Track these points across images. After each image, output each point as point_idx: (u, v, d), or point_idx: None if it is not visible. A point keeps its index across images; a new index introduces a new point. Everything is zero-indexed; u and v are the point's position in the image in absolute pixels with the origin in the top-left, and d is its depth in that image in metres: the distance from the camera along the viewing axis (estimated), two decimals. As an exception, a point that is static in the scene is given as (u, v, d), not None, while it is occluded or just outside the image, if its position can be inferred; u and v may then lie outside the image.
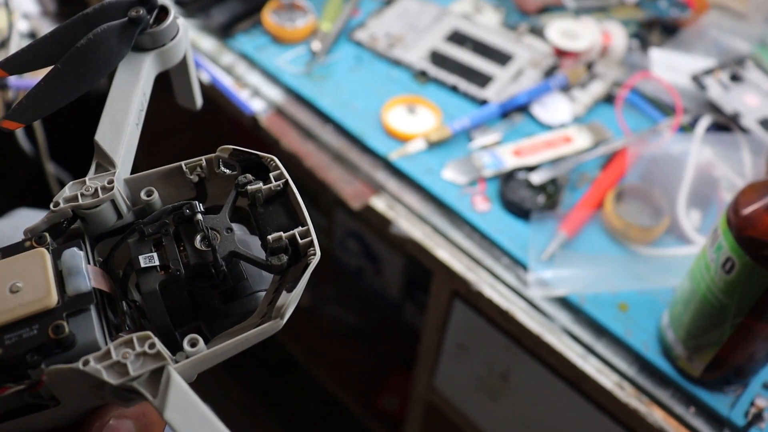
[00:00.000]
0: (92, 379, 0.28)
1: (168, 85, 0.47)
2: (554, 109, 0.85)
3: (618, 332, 0.68)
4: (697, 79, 0.86)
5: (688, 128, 0.84)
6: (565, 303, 0.70)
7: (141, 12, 0.39)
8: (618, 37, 0.93)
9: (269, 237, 0.32)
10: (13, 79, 1.08)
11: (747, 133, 0.82)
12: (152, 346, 0.29)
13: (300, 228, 0.32)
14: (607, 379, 0.67)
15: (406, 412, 1.10)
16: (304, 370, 1.41)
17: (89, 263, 0.32)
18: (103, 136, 0.37)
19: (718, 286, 0.57)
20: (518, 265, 0.72)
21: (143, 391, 0.29)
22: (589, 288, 0.70)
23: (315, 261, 0.31)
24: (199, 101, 0.48)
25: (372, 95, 0.86)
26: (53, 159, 1.31)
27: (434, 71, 0.89)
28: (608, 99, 0.88)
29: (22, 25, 1.19)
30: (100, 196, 0.34)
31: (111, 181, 0.34)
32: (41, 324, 0.30)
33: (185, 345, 0.29)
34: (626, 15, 0.99)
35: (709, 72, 0.87)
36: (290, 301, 0.30)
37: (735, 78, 0.87)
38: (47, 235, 0.33)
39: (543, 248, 0.72)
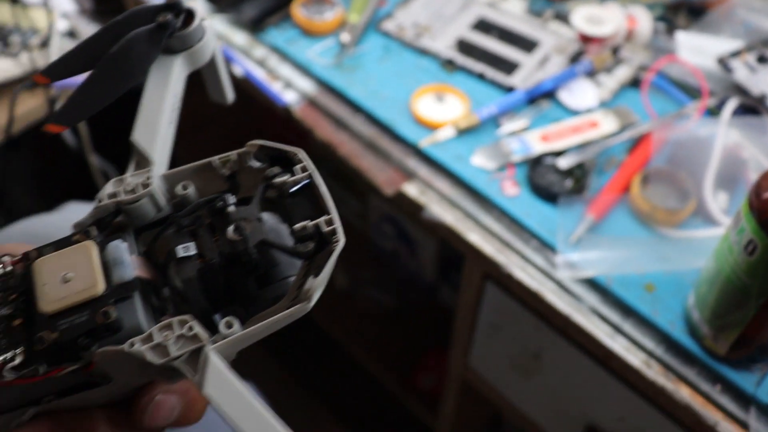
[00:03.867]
0: (138, 360, 0.31)
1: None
2: (580, 94, 0.87)
3: (645, 312, 0.70)
4: (723, 61, 0.87)
5: (715, 111, 0.85)
6: (592, 284, 0.72)
7: (168, 17, 0.42)
8: (643, 21, 0.94)
9: (295, 226, 0.34)
10: (56, 82, 1.12)
11: (773, 114, 0.83)
12: (191, 328, 0.32)
13: (325, 217, 0.34)
14: (634, 358, 0.69)
15: (443, 390, 1.13)
16: (343, 351, 1.45)
17: (132, 254, 0.35)
18: (139, 135, 0.40)
19: (741, 267, 0.58)
20: (547, 247, 0.75)
21: (183, 370, 0.32)
22: (616, 269, 0.72)
23: (339, 247, 0.34)
24: (230, 96, 0.51)
25: (401, 84, 0.89)
26: (97, 151, 1.35)
27: (461, 60, 0.91)
28: (634, 83, 0.90)
29: (61, 25, 1.23)
30: (140, 192, 0.37)
31: (149, 178, 0.37)
32: (91, 310, 0.32)
33: (221, 327, 0.32)
34: (652, -2, 1.00)
35: (735, 54, 0.88)
36: (317, 285, 0.33)
37: (762, 59, 0.88)
38: (94, 228, 0.36)
39: (571, 231, 0.74)
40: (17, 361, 0.32)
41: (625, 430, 0.81)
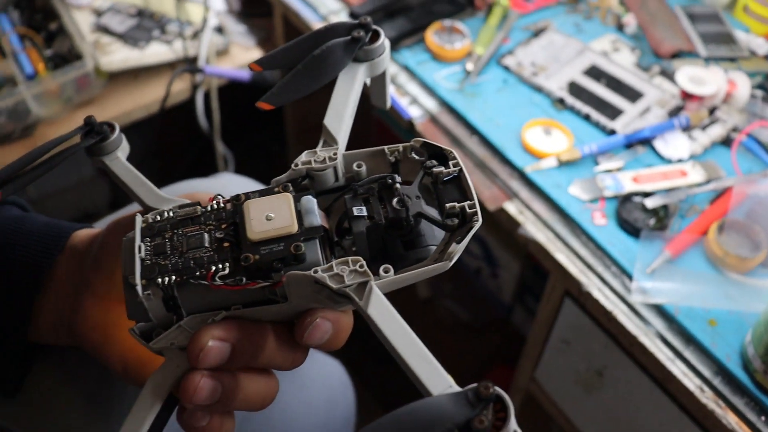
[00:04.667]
0: (317, 284, 0.41)
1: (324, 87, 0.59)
2: (674, 145, 0.96)
3: (705, 343, 0.79)
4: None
5: (795, 176, 0.93)
6: (661, 311, 0.81)
7: (361, 33, 0.53)
8: (742, 86, 1.02)
9: (446, 205, 0.44)
10: (207, 67, 1.27)
11: None
12: (362, 266, 0.41)
13: (468, 202, 0.44)
14: (690, 382, 0.78)
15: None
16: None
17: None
18: (329, 121, 0.51)
19: (794, 310, 0.67)
20: (624, 274, 0.84)
21: (353, 295, 0.41)
22: (684, 301, 0.81)
23: (478, 224, 0.43)
24: (389, 103, 0.62)
25: (514, 115, 1.00)
26: (223, 140, 1.49)
27: (571, 100, 1.01)
28: (725, 142, 0.98)
29: (213, 20, 1.37)
30: (327, 163, 0.47)
31: (335, 153, 0.48)
32: (286, 243, 0.42)
33: (381, 271, 0.42)
34: (754, 67, 1.09)
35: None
36: (458, 249, 0.42)
37: None
38: (289, 185, 0.47)
39: (648, 263, 0.83)
40: (226, 271, 0.42)
41: (673, 450, 0.90)
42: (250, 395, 0.45)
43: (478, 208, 0.44)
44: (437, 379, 0.39)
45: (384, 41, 0.54)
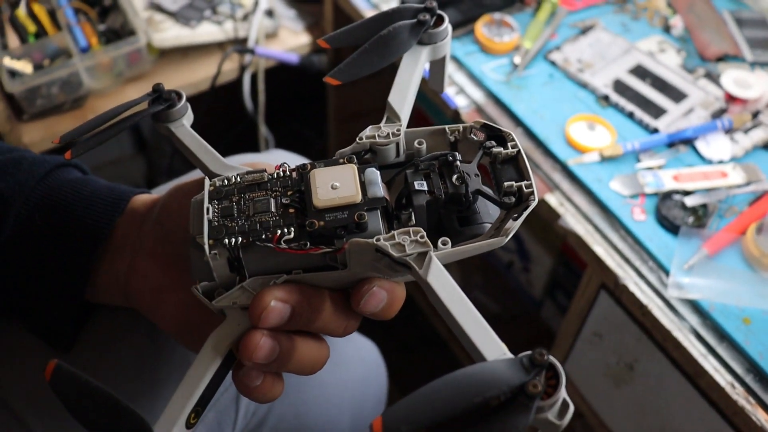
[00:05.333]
0: (378, 252, 0.43)
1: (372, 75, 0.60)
2: (716, 146, 0.97)
3: (738, 340, 0.80)
4: None
5: (836, 183, 0.94)
6: (695, 307, 0.83)
7: (427, 17, 0.55)
8: (787, 92, 1.03)
9: (504, 184, 0.46)
10: (258, 48, 1.29)
11: None
12: (422, 237, 0.43)
13: (525, 182, 0.45)
14: (722, 378, 0.80)
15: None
16: (442, 346, 1.56)
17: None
18: (393, 98, 0.52)
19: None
20: (661, 269, 0.86)
21: (413, 264, 0.42)
22: (719, 298, 0.82)
23: (534, 204, 0.45)
24: (445, 87, 0.64)
25: (559, 109, 1.01)
26: (266, 123, 1.52)
27: (615, 97, 1.03)
28: (766, 146, 0.99)
29: (263, 3, 1.39)
30: (390, 138, 0.49)
31: (398, 129, 0.49)
32: (349, 212, 0.43)
33: (439, 243, 0.44)
34: (799, 74, 1.10)
35: None
36: (514, 226, 0.44)
37: None
38: (353, 157, 0.49)
39: (685, 260, 0.85)
40: (291, 236, 0.45)
41: (699, 446, 0.91)
42: (303, 358, 0.47)
43: (535, 188, 0.45)
44: (493, 346, 0.41)
45: (447, 26, 0.56)
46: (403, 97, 0.53)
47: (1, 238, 0.57)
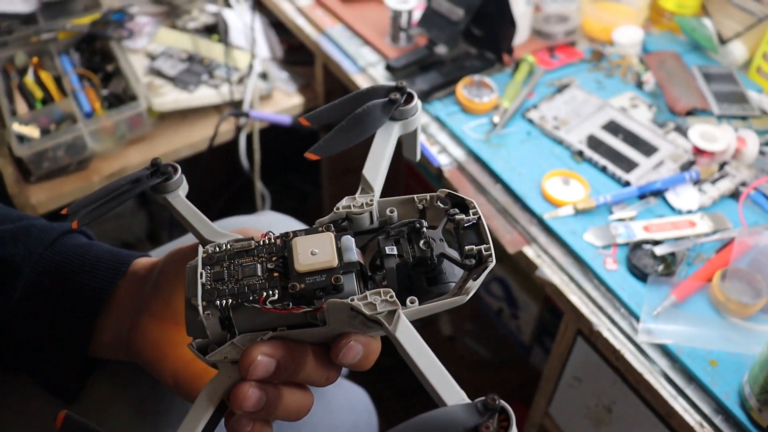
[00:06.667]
0: (353, 311, 0.48)
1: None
2: (685, 197, 1.03)
3: (705, 382, 0.85)
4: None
5: (798, 230, 0.99)
6: (665, 351, 0.88)
7: (397, 95, 0.60)
8: (752, 143, 1.09)
9: (466, 247, 0.51)
10: (252, 112, 1.36)
11: None
12: (392, 297, 0.48)
13: (485, 245, 0.51)
14: (691, 418, 0.84)
15: (520, 435, 1.28)
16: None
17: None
18: (367, 171, 0.57)
19: (784, 352, 0.74)
20: (632, 315, 0.91)
21: (384, 321, 0.46)
22: (687, 342, 0.87)
23: (492, 265, 0.50)
24: (418, 156, 0.69)
25: (536, 165, 1.07)
26: (262, 179, 1.58)
27: (589, 153, 1.09)
28: (733, 195, 1.05)
29: (258, 67, 1.47)
30: (365, 208, 0.54)
31: (371, 200, 0.55)
32: (327, 275, 0.48)
33: (407, 302, 0.49)
34: (764, 125, 1.16)
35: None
36: (474, 286, 0.49)
37: None
38: (331, 225, 0.54)
39: (655, 306, 0.90)
40: (275, 297, 0.49)
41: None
42: (289, 406, 0.52)
43: (492, 251, 0.51)
44: (452, 392, 0.46)
45: (417, 103, 0.61)
46: (376, 169, 0.58)
47: (13, 300, 0.62)
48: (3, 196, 1.30)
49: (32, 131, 1.31)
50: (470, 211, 0.53)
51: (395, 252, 0.52)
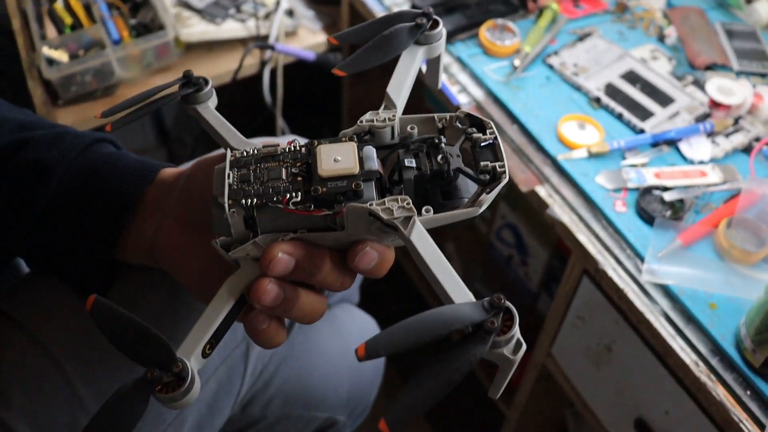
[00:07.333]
0: (371, 216, 0.50)
1: (373, 73, 0.66)
2: (697, 148, 1.05)
3: (704, 323, 0.88)
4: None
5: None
6: (667, 292, 0.91)
7: (423, 21, 0.63)
8: (768, 100, 1.11)
9: (481, 164, 0.53)
10: (278, 45, 1.38)
11: None
12: (408, 203, 0.50)
13: (499, 162, 0.53)
14: (687, 357, 0.87)
15: (522, 377, 1.32)
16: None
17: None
18: (391, 89, 0.60)
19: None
20: (638, 257, 0.94)
21: (400, 226, 0.49)
22: (688, 284, 0.90)
23: (505, 180, 0.52)
24: (440, 84, 0.72)
25: (553, 109, 1.10)
26: (283, 116, 1.60)
27: (606, 100, 1.11)
28: (746, 149, 1.07)
29: (284, 3, 1.48)
30: (387, 122, 0.57)
31: (394, 115, 0.57)
32: (348, 181, 0.50)
33: (423, 211, 0.51)
34: (783, 84, 1.17)
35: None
36: (487, 199, 0.51)
37: None
38: (355, 136, 0.56)
39: (660, 249, 0.92)
40: (298, 199, 0.52)
41: (669, 423, 0.99)
42: (304, 306, 0.55)
43: (507, 169, 0.53)
44: (460, 293, 0.49)
45: (441, 29, 0.63)
46: (399, 88, 0.61)
47: (46, 200, 0.65)
48: (31, 116, 1.33)
49: (61, 55, 1.34)
50: (487, 131, 0.56)
51: (414, 165, 0.55)
